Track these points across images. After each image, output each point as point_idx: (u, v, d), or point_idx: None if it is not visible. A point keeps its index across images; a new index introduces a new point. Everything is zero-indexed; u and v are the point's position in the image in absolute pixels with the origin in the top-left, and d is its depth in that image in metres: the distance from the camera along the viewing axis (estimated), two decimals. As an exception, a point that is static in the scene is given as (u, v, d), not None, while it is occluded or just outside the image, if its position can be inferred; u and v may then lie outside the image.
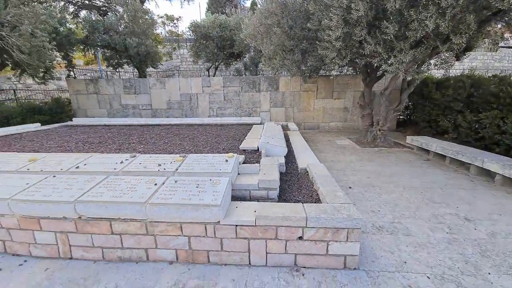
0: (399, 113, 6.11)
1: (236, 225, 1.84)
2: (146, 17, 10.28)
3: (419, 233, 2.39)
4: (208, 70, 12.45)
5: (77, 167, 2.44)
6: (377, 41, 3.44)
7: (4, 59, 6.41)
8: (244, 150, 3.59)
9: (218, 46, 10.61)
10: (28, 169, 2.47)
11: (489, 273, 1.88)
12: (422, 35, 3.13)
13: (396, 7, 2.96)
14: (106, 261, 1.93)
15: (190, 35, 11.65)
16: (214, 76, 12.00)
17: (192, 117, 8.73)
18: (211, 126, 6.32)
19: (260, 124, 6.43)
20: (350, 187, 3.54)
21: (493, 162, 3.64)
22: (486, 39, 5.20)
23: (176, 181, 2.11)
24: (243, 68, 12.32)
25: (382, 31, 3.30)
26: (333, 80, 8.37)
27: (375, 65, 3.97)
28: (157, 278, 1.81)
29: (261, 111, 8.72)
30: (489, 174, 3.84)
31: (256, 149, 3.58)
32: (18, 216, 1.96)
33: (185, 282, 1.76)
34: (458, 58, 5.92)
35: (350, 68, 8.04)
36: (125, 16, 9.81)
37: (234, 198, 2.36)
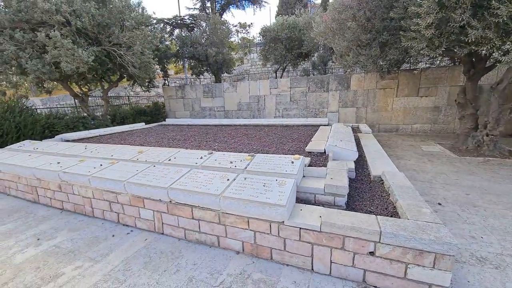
0: None
1: (300, 228, 1.85)
2: (223, 27, 11.43)
3: (549, 277, 1.78)
4: (275, 72, 12.73)
5: (169, 160, 2.99)
6: (487, 25, 2.69)
7: (122, 72, 8.39)
8: (310, 152, 3.51)
9: (286, 48, 10.71)
10: (137, 159, 3.20)
11: None
12: None
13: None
14: (187, 240, 2.30)
15: (260, 39, 12.20)
16: (281, 77, 12.19)
17: (259, 117, 9.15)
18: (276, 127, 6.46)
19: (327, 125, 6.12)
20: (439, 203, 2.95)
21: None
22: None
23: (245, 178, 2.29)
24: (311, 68, 12.00)
25: (492, 13, 2.55)
26: (420, 75, 7.10)
27: (483, 54, 3.13)
28: (226, 264, 2.02)
29: (328, 112, 8.29)
30: None
31: (323, 151, 3.45)
32: (130, 195, 2.57)
33: (249, 273, 1.90)
34: None
35: (446, 59, 6.63)
36: (207, 29, 11.21)
37: (299, 200, 2.37)
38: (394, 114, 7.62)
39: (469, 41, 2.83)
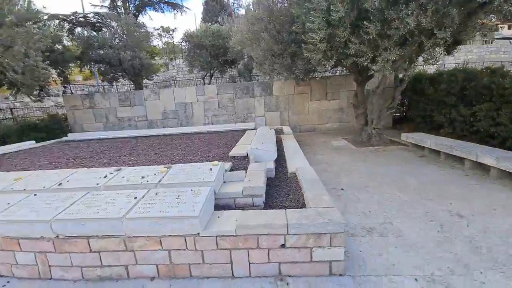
0: (393, 110, 6.06)
1: (217, 236, 1.80)
2: (140, 30, 10.46)
3: (410, 233, 2.33)
4: (203, 78, 12.56)
5: (60, 184, 2.43)
6: (362, 41, 3.44)
7: (-1, 79, 6.52)
8: (234, 157, 3.56)
9: (211, 55, 10.73)
10: (12, 189, 2.46)
11: (481, 272, 1.81)
12: (405, 32, 3.12)
13: (376, 5, 2.96)
14: (86, 280, 1.89)
15: (184, 45, 11.81)
16: (209, 84, 12.09)
17: (187, 125, 8.75)
18: (204, 134, 6.32)
19: (254, 129, 6.42)
20: (342, 189, 3.48)
21: (488, 156, 3.57)
22: (478, 32, 5.17)
23: (157, 193, 2.08)
24: (237, 75, 12.40)
25: (365, 31, 3.29)
26: (326, 82, 8.37)
27: (363, 64, 3.96)
28: (138, 295, 1.77)
29: (256, 116, 8.72)
30: (484, 168, 3.76)
31: (246, 155, 3.55)
32: (-1, 237, 1.94)
33: (166, 298, 1.72)
34: (448, 52, 5.90)
35: (344, 69, 8.06)
36: (118, 30, 9.99)
37: (219, 207, 2.33)
38: (311, 116, 8.69)
39: (351, 53, 3.55)
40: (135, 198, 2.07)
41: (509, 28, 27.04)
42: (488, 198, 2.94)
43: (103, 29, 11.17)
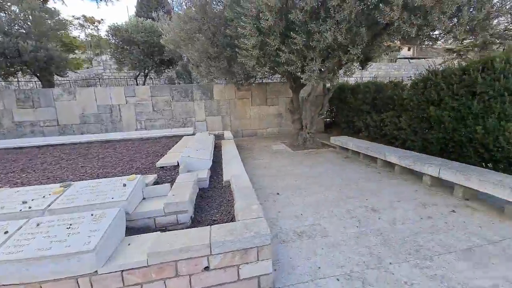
0: (323, 116, 6.69)
1: (123, 271, 1.47)
2: (53, 17, 8.63)
3: (335, 233, 2.47)
4: (136, 78, 11.28)
5: None
6: (291, 50, 3.62)
7: None
8: (162, 167, 3.17)
9: (144, 52, 9.73)
10: None
11: (390, 263, 2.02)
12: (325, 46, 3.45)
13: (300, 18, 3.16)
14: None
15: (111, 39, 10.32)
16: (144, 84, 10.93)
17: (114, 131, 7.61)
18: (133, 141, 5.56)
19: (193, 135, 6.04)
20: (278, 193, 3.53)
21: (392, 155, 4.23)
22: (384, 52, 6.18)
23: (38, 224, 1.58)
24: (175, 76, 11.64)
25: (293, 41, 3.48)
26: (266, 88, 8.66)
27: (294, 72, 4.19)
28: None
29: (196, 121, 8.29)
30: (391, 165, 4.45)
31: (177, 164, 3.22)
32: None
33: None
34: (363, 67, 6.88)
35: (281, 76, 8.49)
36: (20, 16, 7.99)
37: (135, 230, 1.96)
38: (252, 120, 8.82)
39: (282, 62, 3.71)
40: (6, 233, 1.53)
41: (408, 50, 34.25)
42: (394, 192, 3.44)
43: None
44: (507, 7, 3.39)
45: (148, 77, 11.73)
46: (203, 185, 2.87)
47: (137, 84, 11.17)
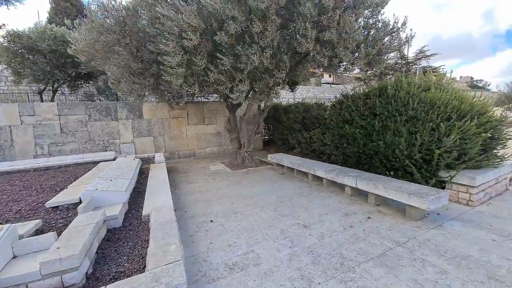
0: (259, 134, 6.90)
1: None
2: None
3: (268, 258, 2.36)
4: (40, 93, 9.24)
5: None
6: (220, 71, 3.60)
7: None
8: (56, 207, 2.47)
9: (53, 63, 8.16)
10: None
11: (319, 283, 2.00)
12: (253, 68, 3.59)
13: (225, 40, 3.21)
14: None
15: (7, 45, 8.23)
16: (52, 101, 9.05)
17: (3, 160, 5.86)
18: (25, 173, 4.33)
19: (113, 159, 5.17)
20: (211, 221, 3.24)
21: (320, 170, 4.59)
22: (308, 77, 6.92)
23: None
24: (96, 93, 10.17)
25: (221, 62, 3.47)
26: (203, 107, 8.44)
27: (224, 93, 4.17)
28: None
29: (122, 143, 7.26)
30: (320, 179, 4.81)
31: (79, 201, 2.57)
32: None
33: None
34: (292, 90, 7.54)
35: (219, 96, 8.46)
36: None
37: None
38: (190, 140, 8.35)
39: (211, 81, 3.63)
40: None
41: (329, 76, 40.39)
42: (322, 205, 3.66)
43: None
44: (395, 45, 4.30)
45: (59, 92, 9.83)
46: (114, 224, 2.35)
47: (42, 101, 9.15)
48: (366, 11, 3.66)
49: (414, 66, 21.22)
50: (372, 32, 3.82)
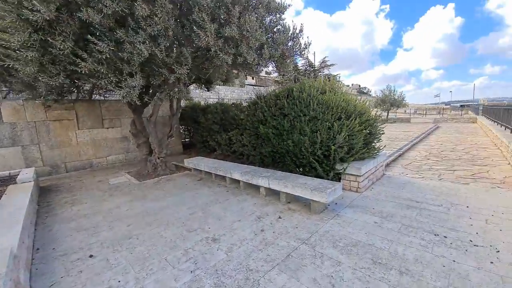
0: (173, 138, 6.17)
1: None
2: None
3: (161, 294, 1.90)
4: None
5: None
6: (98, 59, 2.81)
7: None
8: None
9: None
10: None
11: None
12: (145, 61, 3.01)
13: (97, 21, 2.49)
14: None
15: None
16: None
17: None
18: None
19: None
20: (91, 256, 2.47)
21: (236, 172, 4.41)
22: (223, 76, 6.67)
23: None
24: None
25: (98, 49, 2.70)
26: (100, 106, 6.92)
27: (107, 87, 3.35)
28: None
29: (-39, 158, 5.00)
30: (238, 182, 4.65)
31: None
32: None
33: None
34: (208, 89, 7.16)
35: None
36: None
37: None
38: (83, 148, 6.67)
39: (85, 72, 2.80)
40: None
41: (252, 78, 42.30)
42: (237, 210, 3.46)
43: None
44: (296, 49, 4.57)
45: None
46: None
47: None
48: (267, 15, 3.71)
49: (319, 73, 24.91)
50: (275, 35, 3.91)
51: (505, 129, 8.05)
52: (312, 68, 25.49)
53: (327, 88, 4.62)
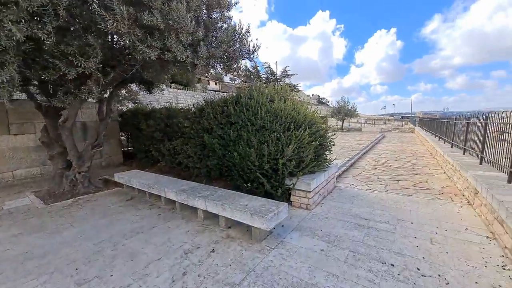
0: (100, 148, 5.11)
1: None
2: None
3: None
4: None
5: None
6: None
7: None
8: None
9: None
10: None
11: None
12: (26, 47, 2.18)
13: None
14: None
15: None
16: None
17: None
18: None
19: None
20: None
21: (170, 191, 3.69)
22: (166, 80, 5.87)
23: None
24: None
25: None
26: (5, 108, 5.45)
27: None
28: None
29: None
30: (174, 202, 3.91)
31: None
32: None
33: None
34: (150, 91, 6.28)
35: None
36: None
37: None
38: (-26, 161, 5.11)
39: None
40: None
41: (215, 84, 41.37)
42: (162, 242, 2.75)
43: None
44: (244, 52, 4.12)
45: None
46: None
47: None
48: (205, 8, 3.19)
49: (281, 82, 25.48)
50: (219, 34, 3.40)
51: (439, 139, 8.93)
52: (274, 76, 25.98)
53: (276, 96, 4.27)
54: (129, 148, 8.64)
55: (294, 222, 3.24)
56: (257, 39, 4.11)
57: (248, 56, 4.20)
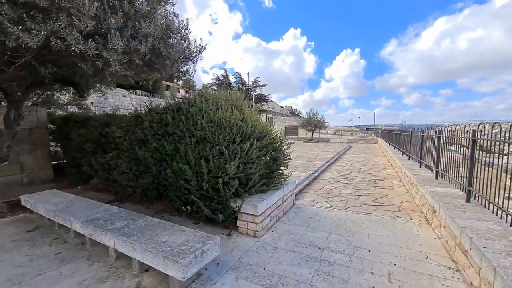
0: (5, 162, 4.02)
1: None
2: None
3: None
4: None
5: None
6: None
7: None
8: None
9: None
10: None
11: None
12: None
13: None
14: None
15: None
16: None
17: None
18: None
19: None
20: None
21: (76, 221, 2.83)
22: (110, 83, 5.04)
23: None
24: None
25: None
26: None
27: None
28: None
29: None
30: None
31: None
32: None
33: None
34: (81, 95, 5.33)
35: None
36: None
37: None
38: None
39: None
40: None
41: (186, 92, 39.98)
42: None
43: None
44: (186, 52, 3.53)
45: None
46: None
47: None
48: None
49: (252, 92, 25.35)
50: (140, 24, 2.76)
51: (398, 151, 9.15)
52: (245, 86, 25.82)
53: (224, 103, 3.71)
54: (64, 161, 7.34)
55: (234, 258, 2.61)
56: (201, 38, 3.56)
57: (190, 59, 3.62)
